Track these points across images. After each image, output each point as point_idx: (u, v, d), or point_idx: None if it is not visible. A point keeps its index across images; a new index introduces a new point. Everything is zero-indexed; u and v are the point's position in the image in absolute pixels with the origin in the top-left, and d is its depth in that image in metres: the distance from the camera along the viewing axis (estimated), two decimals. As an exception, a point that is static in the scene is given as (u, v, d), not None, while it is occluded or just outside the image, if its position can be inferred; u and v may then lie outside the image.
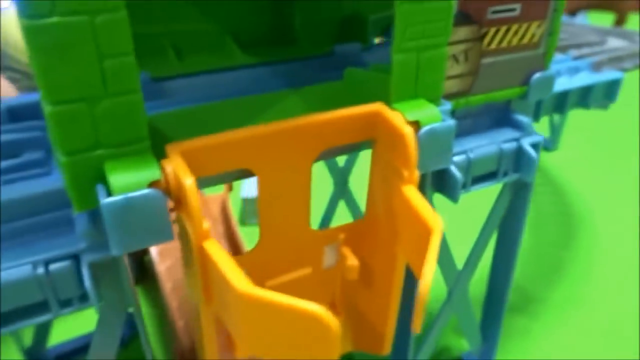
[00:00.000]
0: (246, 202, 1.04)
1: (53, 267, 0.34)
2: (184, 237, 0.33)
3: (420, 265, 0.36)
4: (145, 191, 0.30)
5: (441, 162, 0.41)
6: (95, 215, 0.34)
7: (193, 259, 0.32)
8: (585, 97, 0.64)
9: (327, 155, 0.40)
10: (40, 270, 0.34)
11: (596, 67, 0.68)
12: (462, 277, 0.57)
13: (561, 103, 0.62)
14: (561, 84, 0.61)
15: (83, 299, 0.36)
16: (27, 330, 0.68)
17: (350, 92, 0.45)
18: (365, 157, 0.47)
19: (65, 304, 0.36)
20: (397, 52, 0.38)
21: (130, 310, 0.40)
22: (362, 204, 0.63)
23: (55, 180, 0.39)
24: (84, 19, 0.28)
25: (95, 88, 0.29)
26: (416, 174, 0.37)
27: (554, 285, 0.87)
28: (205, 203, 1.01)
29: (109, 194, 0.30)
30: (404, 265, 0.42)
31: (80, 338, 0.70)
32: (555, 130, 1.45)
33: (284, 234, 0.40)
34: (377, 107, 0.39)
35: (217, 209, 1.02)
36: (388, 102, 0.39)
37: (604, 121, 1.54)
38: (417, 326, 0.33)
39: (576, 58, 0.73)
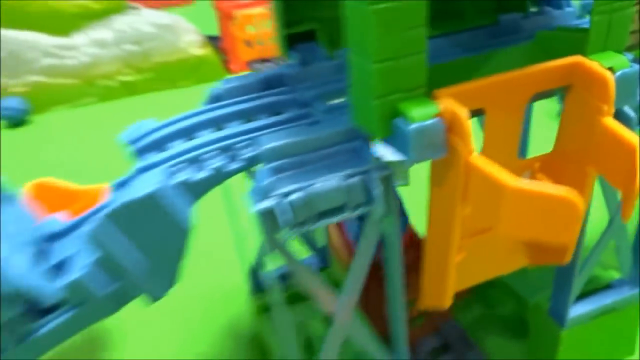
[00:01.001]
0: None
1: (351, 180, 0.49)
2: (448, 156, 0.47)
3: (621, 176, 0.47)
4: (433, 120, 0.44)
5: (629, 101, 0.52)
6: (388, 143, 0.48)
7: (458, 171, 0.46)
8: None
9: (534, 99, 0.53)
10: (343, 182, 0.49)
11: None
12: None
13: None
14: None
15: (366, 204, 0.50)
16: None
17: (542, 50, 0.56)
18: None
19: (355, 208, 0.51)
20: (596, 14, 0.49)
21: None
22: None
23: (325, 127, 0.54)
24: (398, 4, 0.42)
25: (401, 50, 0.43)
26: (613, 109, 0.49)
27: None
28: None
29: (409, 123, 0.44)
30: (593, 182, 0.54)
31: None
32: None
33: (498, 161, 0.53)
34: (577, 58, 0.50)
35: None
36: (584, 55, 0.51)
37: None
38: (627, 215, 0.45)
39: None
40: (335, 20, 0.67)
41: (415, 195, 0.63)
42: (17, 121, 1.91)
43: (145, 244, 0.53)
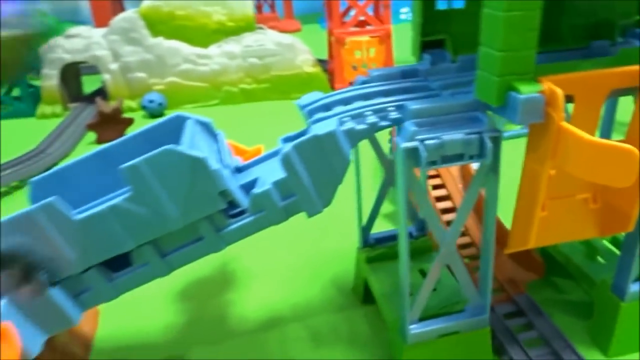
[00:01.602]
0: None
1: (469, 136, 0.69)
2: (545, 124, 0.66)
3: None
4: (536, 94, 0.64)
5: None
6: (501, 111, 0.68)
7: (552, 134, 0.65)
8: None
9: (614, 94, 0.71)
10: (466, 136, 0.69)
11: None
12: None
13: None
14: None
15: (479, 156, 0.70)
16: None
17: (623, 60, 0.75)
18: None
19: (470, 157, 0.71)
20: (666, 35, 0.68)
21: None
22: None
23: (453, 99, 0.75)
24: (521, 14, 0.63)
25: (519, 45, 0.64)
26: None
27: None
28: (448, 169, 1.36)
29: (520, 95, 0.64)
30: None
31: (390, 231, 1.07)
32: None
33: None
34: (650, 66, 0.69)
35: (457, 172, 1.35)
36: (655, 65, 0.69)
37: None
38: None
39: None
40: (459, 34, 0.90)
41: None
42: (156, 113, 2.27)
43: (317, 170, 0.75)
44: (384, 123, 0.75)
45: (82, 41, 2.26)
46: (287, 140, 0.83)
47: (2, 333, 0.69)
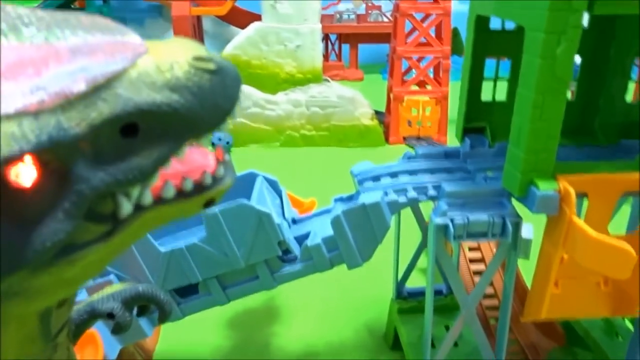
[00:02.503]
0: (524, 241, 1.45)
1: (495, 219, 0.82)
2: (559, 217, 0.77)
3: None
4: (553, 192, 0.76)
5: (690, 208, 0.79)
6: (522, 200, 0.80)
7: (564, 226, 0.76)
8: None
9: (626, 195, 0.82)
10: (490, 218, 0.82)
11: None
12: (692, 291, 0.91)
13: None
14: None
15: (501, 235, 0.82)
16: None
17: (637, 166, 0.85)
18: None
19: (493, 235, 0.83)
20: (674, 150, 0.78)
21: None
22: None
23: (483, 185, 0.88)
24: (544, 124, 0.75)
25: (540, 148, 0.76)
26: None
27: None
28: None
29: (538, 190, 0.76)
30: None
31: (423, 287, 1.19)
32: None
33: (594, 230, 0.82)
34: (657, 175, 0.79)
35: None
36: (663, 174, 0.79)
37: None
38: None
39: None
40: (498, 123, 1.02)
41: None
42: (224, 149, 2.49)
43: (360, 232, 0.89)
44: (422, 198, 0.89)
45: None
46: (338, 200, 0.98)
47: (90, 338, 0.86)
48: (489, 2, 0.87)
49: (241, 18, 3.93)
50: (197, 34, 3.88)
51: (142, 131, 0.30)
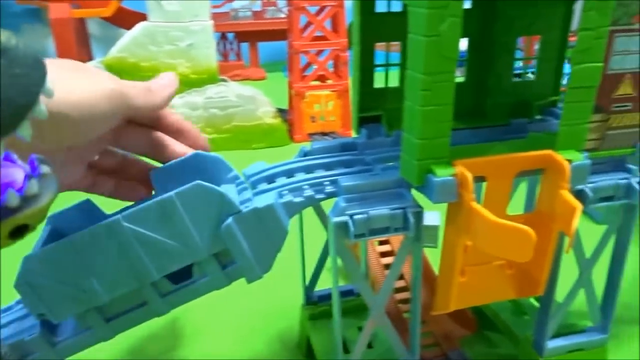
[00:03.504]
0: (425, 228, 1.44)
1: (394, 211, 0.77)
2: (459, 202, 0.74)
3: (569, 225, 0.73)
4: (450, 177, 0.72)
5: (581, 182, 0.78)
6: (421, 189, 0.76)
7: (464, 212, 0.73)
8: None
9: (522, 175, 0.80)
10: (391, 212, 0.76)
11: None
12: (589, 264, 0.92)
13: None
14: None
15: (403, 229, 0.78)
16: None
17: (532, 144, 0.84)
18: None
19: (395, 230, 0.78)
20: (563, 126, 0.77)
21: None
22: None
23: (381, 177, 0.83)
24: (436, 108, 0.71)
25: (435, 134, 0.72)
26: (568, 186, 0.76)
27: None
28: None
29: (436, 177, 0.72)
30: (557, 234, 0.79)
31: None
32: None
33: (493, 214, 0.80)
34: (550, 152, 0.78)
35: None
36: (555, 150, 0.78)
37: None
38: (568, 248, 0.70)
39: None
40: (393, 110, 0.98)
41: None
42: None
43: (256, 240, 0.81)
44: (319, 196, 0.82)
45: (44, 89, 2.29)
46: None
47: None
48: (371, -18, 0.82)
49: (129, 19, 3.69)
50: (82, 37, 3.59)
51: None
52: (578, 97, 0.76)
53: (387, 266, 1.33)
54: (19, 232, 0.29)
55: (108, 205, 0.84)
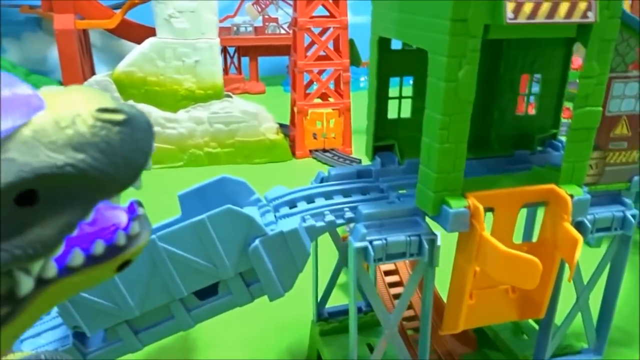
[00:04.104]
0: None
1: (411, 238, 0.83)
2: (469, 233, 0.80)
3: (571, 256, 0.80)
4: (463, 209, 0.78)
5: (582, 215, 0.85)
6: (436, 219, 0.82)
7: (475, 241, 0.79)
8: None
9: (526, 206, 0.87)
10: (407, 238, 0.83)
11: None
12: (586, 289, 0.99)
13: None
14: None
15: (418, 254, 0.84)
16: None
17: (536, 178, 0.91)
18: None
19: (410, 255, 0.84)
20: (566, 162, 0.84)
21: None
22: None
23: (397, 205, 0.89)
24: (451, 146, 0.78)
25: (449, 169, 0.79)
26: (570, 219, 0.82)
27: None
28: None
29: (450, 208, 0.79)
30: (559, 262, 0.86)
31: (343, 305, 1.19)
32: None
33: (500, 242, 0.86)
34: (553, 186, 0.85)
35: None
36: (557, 184, 0.85)
37: None
38: (570, 277, 0.77)
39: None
40: (405, 139, 1.05)
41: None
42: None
43: (280, 261, 0.87)
44: (340, 221, 0.89)
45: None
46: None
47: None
48: (391, 25, 0.89)
49: (133, 31, 3.75)
50: (85, 48, 3.64)
51: (42, 198, 0.26)
52: (579, 137, 0.83)
53: (395, 296, 1.39)
54: (123, 266, 0.35)
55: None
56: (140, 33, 3.48)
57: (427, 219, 0.87)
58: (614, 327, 1.04)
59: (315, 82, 2.65)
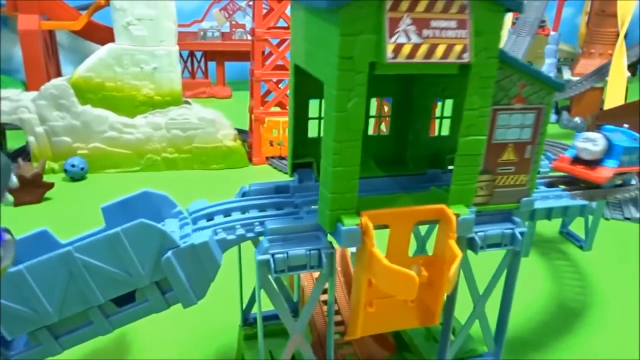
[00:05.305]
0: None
1: (312, 252, 0.90)
2: (362, 247, 0.88)
3: (448, 269, 0.88)
4: (355, 227, 0.86)
5: (467, 233, 0.94)
6: (333, 234, 0.90)
7: (366, 255, 0.87)
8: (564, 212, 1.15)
9: (419, 224, 0.95)
10: (307, 252, 0.90)
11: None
12: (482, 298, 1.08)
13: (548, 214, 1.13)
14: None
15: (318, 267, 0.91)
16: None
17: (432, 197, 0.99)
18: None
19: (311, 267, 0.92)
20: (454, 184, 0.93)
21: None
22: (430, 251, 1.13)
23: (303, 221, 0.97)
24: (344, 169, 0.86)
25: (344, 189, 0.87)
26: (455, 236, 0.91)
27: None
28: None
29: (343, 226, 0.86)
30: (448, 274, 0.95)
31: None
32: (589, 233, 1.90)
33: (396, 258, 0.94)
34: (442, 206, 0.93)
35: (339, 267, 1.57)
36: (447, 204, 0.94)
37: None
38: (448, 290, 0.86)
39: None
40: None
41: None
42: (77, 177, 2.38)
43: (192, 271, 0.94)
44: (249, 235, 0.96)
45: (10, 104, 2.36)
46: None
47: None
48: (301, 55, 0.96)
49: (99, 33, 3.77)
50: (50, 49, 3.65)
51: None
52: (465, 162, 0.92)
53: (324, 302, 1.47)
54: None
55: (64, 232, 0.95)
56: (106, 35, 3.49)
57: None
58: (513, 333, 1.13)
59: (272, 92, 2.72)
